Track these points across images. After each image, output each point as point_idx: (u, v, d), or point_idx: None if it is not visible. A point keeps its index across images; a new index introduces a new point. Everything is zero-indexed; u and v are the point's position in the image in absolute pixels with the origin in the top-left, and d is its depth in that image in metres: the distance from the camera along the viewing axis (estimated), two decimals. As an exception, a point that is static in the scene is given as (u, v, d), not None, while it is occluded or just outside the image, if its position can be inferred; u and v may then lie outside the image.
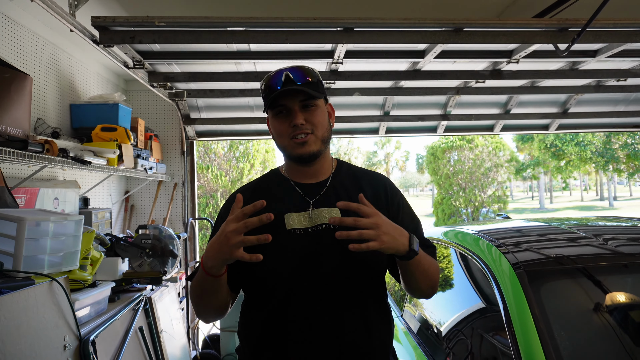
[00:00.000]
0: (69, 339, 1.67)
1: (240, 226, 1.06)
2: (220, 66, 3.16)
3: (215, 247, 1.09)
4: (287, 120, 1.26)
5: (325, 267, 1.22)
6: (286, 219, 1.26)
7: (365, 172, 1.42)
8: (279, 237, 1.21)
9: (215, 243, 1.09)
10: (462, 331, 1.87)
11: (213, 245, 1.10)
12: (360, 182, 1.36)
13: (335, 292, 1.22)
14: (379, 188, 1.36)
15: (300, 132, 1.24)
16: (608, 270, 1.62)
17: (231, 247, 1.05)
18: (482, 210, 13.64)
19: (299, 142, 1.25)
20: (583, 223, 2.21)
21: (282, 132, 1.27)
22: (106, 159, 2.79)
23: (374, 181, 1.38)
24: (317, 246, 1.23)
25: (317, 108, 1.28)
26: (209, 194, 10.35)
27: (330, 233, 1.21)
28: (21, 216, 1.72)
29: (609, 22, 2.50)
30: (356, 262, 1.24)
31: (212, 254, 1.11)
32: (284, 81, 1.24)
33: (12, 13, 2.52)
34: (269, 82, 1.27)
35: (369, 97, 3.85)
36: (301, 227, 1.25)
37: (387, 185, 1.38)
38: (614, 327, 1.48)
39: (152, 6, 2.78)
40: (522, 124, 4.49)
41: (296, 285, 1.22)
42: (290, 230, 1.24)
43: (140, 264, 2.73)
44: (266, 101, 1.29)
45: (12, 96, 2.10)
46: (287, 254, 1.22)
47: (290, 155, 1.29)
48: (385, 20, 2.40)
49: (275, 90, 1.23)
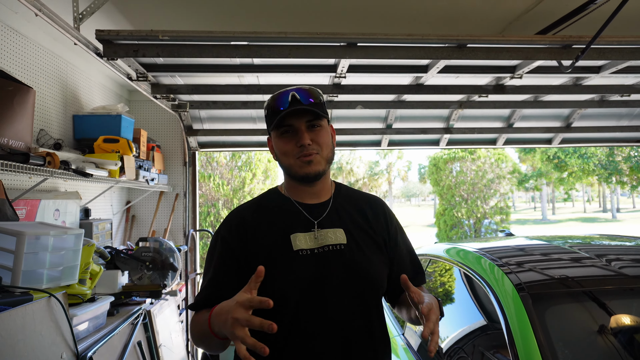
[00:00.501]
0: (66, 356, 1.65)
1: (245, 320, 0.99)
2: (223, 79, 3.17)
3: (222, 319, 1.05)
4: (293, 139, 1.26)
5: (332, 288, 1.22)
6: (292, 239, 1.25)
7: (362, 194, 1.45)
8: (286, 258, 1.22)
9: (223, 316, 1.04)
10: (463, 349, 1.85)
11: (220, 315, 1.06)
12: (360, 204, 1.39)
13: (342, 312, 1.22)
14: (377, 210, 1.40)
15: (307, 152, 1.25)
16: (612, 293, 1.60)
17: (235, 336, 0.99)
18: (484, 222, 13.57)
19: (306, 161, 1.25)
20: (586, 242, 2.19)
21: (287, 151, 1.27)
22: (108, 171, 2.78)
23: (373, 204, 1.41)
24: (323, 268, 1.23)
25: (322, 129, 1.29)
26: (211, 203, 10.34)
27: (336, 254, 1.24)
28: (21, 230, 1.71)
29: (613, 40, 2.50)
30: (361, 282, 1.25)
31: (219, 323, 1.06)
32: (290, 101, 1.25)
33: (17, 25, 2.53)
34: (274, 103, 1.27)
35: (372, 110, 3.86)
36: (307, 247, 1.24)
37: (385, 208, 1.42)
38: (618, 350, 1.46)
39: (157, 20, 2.79)
40: (525, 137, 4.49)
41: (304, 306, 1.20)
42: (297, 251, 1.23)
43: (140, 277, 2.71)
44: (271, 120, 1.29)
45: (14, 109, 2.11)
46: (296, 276, 1.21)
47: (295, 174, 1.29)
48: (389, 36, 2.40)
49: (281, 110, 1.24)
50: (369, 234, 1.32)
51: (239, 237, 1.27)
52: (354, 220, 1.33)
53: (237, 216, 1.31)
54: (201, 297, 1.26)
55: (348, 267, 1.25)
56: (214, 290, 1.24)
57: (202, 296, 1.26)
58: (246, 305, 0.99)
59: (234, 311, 1.00)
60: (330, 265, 1.23)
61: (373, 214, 1.37)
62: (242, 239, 1.26)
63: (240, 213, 1.32)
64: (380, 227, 1.35)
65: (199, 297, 1.27)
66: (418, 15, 2.83)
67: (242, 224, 1.28)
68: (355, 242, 1.28)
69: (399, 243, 1.39)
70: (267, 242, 1.25)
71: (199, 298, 1.27)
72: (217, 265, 1.28)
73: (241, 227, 1.28)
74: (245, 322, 0.98)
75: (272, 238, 1.25)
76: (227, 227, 1.30)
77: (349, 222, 1.32)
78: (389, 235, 1.36)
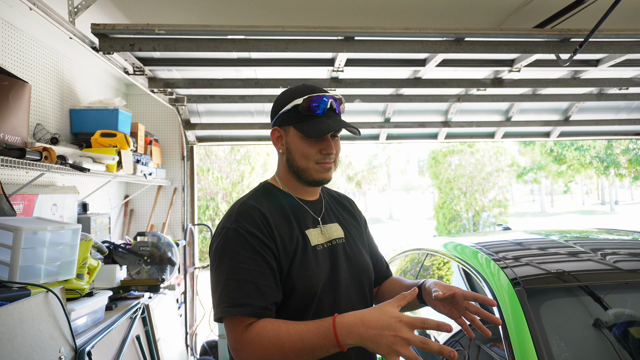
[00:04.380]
0: (64, 350, 1.66)
1: (421, 342, 0.96)
2: (221, 72, 3.16)
3: (371, 333, 0.99)
4: (317, 144, 1.27)
5: (341, 280, 1.29)
6: (308, 235, 1.29)
7: (338, 193, 1.55)
8: (308, 254, 1.25)
9: (373, 330, 0.99)
10: (459, 342, 1.86)
11: (368, 329, 0.99)
12: (341, 201, 1.51)
13: (350, 302, 1.29)
14: (353, 205, 1.54)
15: (330, 160, 1.30)
16: (607, 287, 1.61)
17: (399, 354, 0.96)
18: (482, 215, 13.60)
19: (326, 168, 1.29)
20: (583, 236, 2.20)
21: (310, 155, 1.27)
22: (105, 165, 2.78)
23: (348, 201, 1.55)
24: (334, 261, 1.30)
25: (338, 139, 1.34)
26: (209, 196, 10.34)
27: (340, 247, 1.34)
28: (18, 225, 1.71)
29: (611, 33, 2.49)
30: (361, 273, 1.36)
31: (366, 337, 0.99)
32: (328, 108, 1.28)
33: (13, 19, 2.52)
34: (309, 104, 1.26)
35: (370, 104, 3.85)
36: (319, 242, 1.30)
37: (355, 204, 1.55)
38: (613, 344, 1.47)
39: (153, 13, 2.78)
40: (523, 131, 4.48)
41: (324, 300, 1.25)
42: (315, 247, 1.28)
43: (138, 272, 2.72)
44: (301, 120, 1.27)
45: (10, 104, 2.10)
46: (320, 269, 1.25)
47: (309, 177, 1.30)
48: (386, 29, 2.39)
49: (318, 115, 1.26)
50: (356, 227, 1.45)
51: (268, 231, 1.19)
52: (343, 215, 1.44)
53: (256, 210, 1.21)
54: (252, 300, 1.10)
55: (350, 259, 1.34)
56: (264, 291, 1.12)
57: (252, 299, 1.10)
58: (417, 326, 0.97)
59: (399, 330, 0.96)
60: (338, 258, 1.30)
61: (351, 206, 1.51)
62: (270, 233, 1.20)
63: (256, 208, 1.23)
64: (359, 217, 1.51)
65: (243, 300, 1.10)
66: (416, 9, 2.82)
67: (264, 218, 1.21)
68: (350, 236, 1.39)
69: (371, 237, 1.53)
70: (290, 238, 1.23)
71: (249, 302, 1.10)
72: (252, 262, 1.14)
73: (265, 221, 1.20)
74: (421, 343, 0.95)
75: (293, 234, 1.25)
76: (251, 222, 1.18)
77: (341, 217, 1.42)
78: (362, 222, 1.52)
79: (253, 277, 1.12)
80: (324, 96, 1.27)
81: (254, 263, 1.14)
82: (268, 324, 1.08)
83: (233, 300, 1.10)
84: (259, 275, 1.13)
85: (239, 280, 1.12)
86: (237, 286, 1.11)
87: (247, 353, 1.07)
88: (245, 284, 1.11)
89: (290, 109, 1.28)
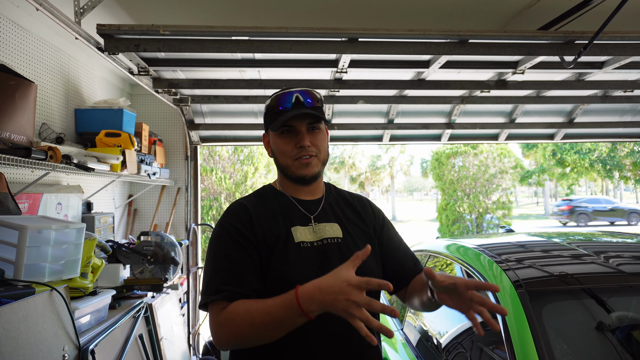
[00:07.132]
0: (68, 348, 1.67)
1: (366, 303, 0.98)
2: (225, 73, 3.17)
3: (328, 299, 1.01)
4: (292, 140, 1.29)
5: None
6: (293, 232, 1.29)
7: (350, 194, 1.51)
8: (290, 250, 1.25)
9: (330, 296, 1.00)
10: (462, 344, 1.86)
11: (326, 295, 1.01)
12: (349, 200, 1.46)
13: None
14: (365, 203, 1.48)
15: (306, 154, 1.28)
16: (609, 290, 1.60)
17: (354, 316, 0.98)
18: (486, 217, 13.56)
19: (304, 163, 1.29)
20: (586, 239, 2.19)
21: (286, 151, 1.30)
22: (109, 165, 2.79)
23: (360, 201, 1.48)
24: (324, 260, 1.27)
25: (320, 132, 1.33)
26: (213, 196, 10.36)
27: (334, 247, 1.30)
28: (23, 224, 1.73)
29: (616, 35, 2.49)
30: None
31: (324, 303, 1.01)
32: (294, 102, 1.27)
33: (19, 19, 2.54)
34: (276, 102, 1.30)
35: (374, 105, 3.85)
36: (307, 240, 1.28)
37: (371, 203, 1.50)
38: (615, 347, 1.47)
39: (158, 14, 2.79)
40: (527, 133, 4.47)
41: None
42: (298, 243, 1.27)
43: (141, 271, 2.73)
44: (273, 119, 1.31)
45: (16, 103, 2.11)
46: (302, 266, 1.24)
47: (292, 174, 1.32)
48: (390, 31, 2.40)
49: (285, 110, 1.27)
50: (361, 228, 1.39)
51: (250, 226, 1.26)
52: (346, 215, 1.40)
53: (241, 207, 1.30)
54: (230, 287, 1.16)
55: (346, 259, 1.25)
56: (242, 278, 1.18)
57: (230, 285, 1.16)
58: (363, 287, 0.98)
59: (349, 293, 0.98)
60: (330, 257, 1.27)
61: (361, 206, 1.45)
62: (252, 228, 1.26)
63: (243, 204, 1.32)
64: (369, 217, 1.43)
65: (223, 287, 1.16)
66: (419, 11, 2.82)
67: (247, 214, 1.28)
68: (350, 236, 1.35)
69: (390, 235, 1.45)
70: (272, 233, 1.27)
71: (227, 288, 1.16)
72: (234, 252, 1.21)
73: (248, 217, 1.27)
74: (366, 305, 0.97)
75: (276, 230, 1.28)
76: (235, 217, 1.27)
77: (343, 217, 1.39)
78: (377, 222, 1.44)
79: (233, 266, 1.19)
80: (290, 91, 1.29)
81: (235, 253, 1.21)
82: (240, 304, 1.13)
83: (214, 287, 1.17)
84: (238, 265, 1.20)
85: (219, 269, 1.20)
86: (217, 274, 1.19)
87: (223, 333, 1.13)
88: (225, 272, 1.19)
89: (266, 112, 1.35)
